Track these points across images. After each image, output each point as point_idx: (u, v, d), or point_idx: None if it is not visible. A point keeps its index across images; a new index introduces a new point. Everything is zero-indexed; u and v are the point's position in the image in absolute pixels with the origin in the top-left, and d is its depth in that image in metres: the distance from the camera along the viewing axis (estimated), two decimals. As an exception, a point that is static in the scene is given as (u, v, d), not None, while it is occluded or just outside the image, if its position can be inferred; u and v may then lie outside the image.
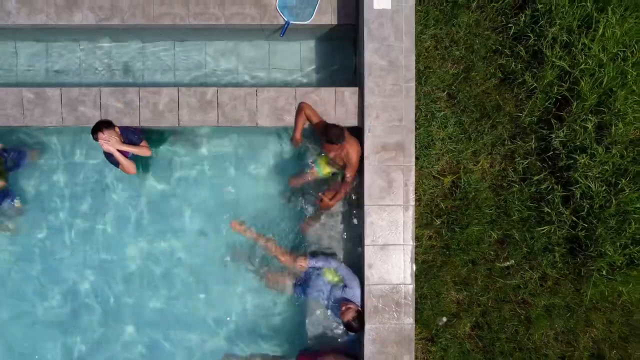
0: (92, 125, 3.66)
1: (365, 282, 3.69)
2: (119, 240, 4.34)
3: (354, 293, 3.74)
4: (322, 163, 4.31)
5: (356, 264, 4.02)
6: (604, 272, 4.63)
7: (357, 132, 3.93)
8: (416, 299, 4.67)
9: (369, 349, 3.65)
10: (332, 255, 4.19)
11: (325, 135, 3.60)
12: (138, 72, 4.47)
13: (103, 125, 3.67)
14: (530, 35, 4.64)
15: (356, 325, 3.62)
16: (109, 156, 3.81)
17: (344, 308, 3.59)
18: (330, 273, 3.92)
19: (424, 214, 4.78)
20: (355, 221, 4.21)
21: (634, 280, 4.62)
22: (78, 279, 4.34)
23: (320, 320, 4.18)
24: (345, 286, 3.78)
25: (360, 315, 3.66)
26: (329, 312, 3.88)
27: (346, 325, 3.64)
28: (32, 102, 3.74)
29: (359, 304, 3.74)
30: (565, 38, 4.55)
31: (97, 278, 4.35)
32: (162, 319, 4.42)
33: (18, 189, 4.24)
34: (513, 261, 4.82)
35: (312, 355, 4.04)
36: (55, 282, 4.37)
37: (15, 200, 4.07)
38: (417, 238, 4.75)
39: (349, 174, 3.84)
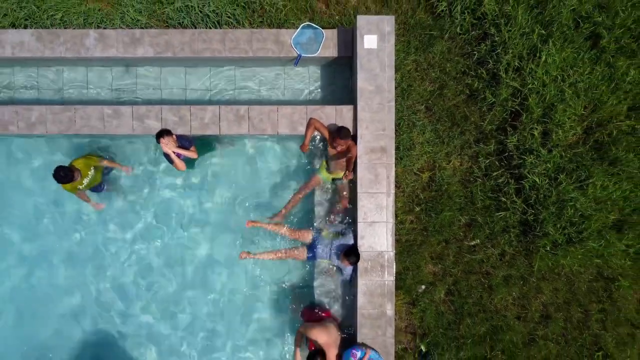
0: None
1: (360, 249, 5.21)
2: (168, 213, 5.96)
3: (347, 240, 5.30)
4: (323, 171, 5.73)
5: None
6: (548, 248, 6.10)
7: (353, 139, 5.44)
8: (400, 270, 6.15)
9: (361, 299, 5.17)
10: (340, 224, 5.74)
11: (338, 132, 5.07)
12: (181, 90, 6.02)
13: (164, 132, 5.16)
14: (490, 60, 6.13)
15: (354, 259, 5.12)
16: (166, 156, 5.30)
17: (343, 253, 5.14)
18: (327, 234, 5.42)
19: (406, 202, 6.27)
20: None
21: (571, 255, 6.07)
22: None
23: (324, 285, 5.71)
24: (342, 234, 5.34)
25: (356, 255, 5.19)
26: (334, 259, 5.35)
27: (348, 260, 5.09)
28: (110, 116, 5.26)
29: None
30: (516, 63, 6.04)
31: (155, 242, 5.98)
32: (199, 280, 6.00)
33: (110, 183, 5.89)
34: (478, 240, 6.28)
35: (312, 310, 5.57)
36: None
37: (105, 189, 5.65)
38: (401, 222, 6.23)
39: (351, 154, 5.26)
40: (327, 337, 4.93)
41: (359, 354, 4.90)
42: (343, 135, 5.06)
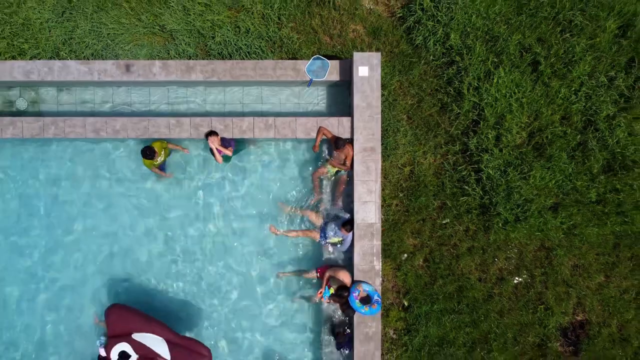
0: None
1: (355, 222, 7.57)
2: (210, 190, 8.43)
3: (347, 216, 7.69)
4: (329, 166, 8.14)
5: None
6: (501, 225, 8.38)
7: (351, 141, 7.81)
8: (387, 242, 8.43)
9: (357, 258, 7.51)
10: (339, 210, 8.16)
11: (335, 143, 7.46)
12: (220, 105, 8.39)
13: (211, 133, 7.51)
14: (456, 81, 8.43)
15: (349, 228, 7.48)
16: (211, 150, 7.65)
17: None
18: (335, 222, 7.82)
19: (392, 190, 8.59)
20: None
21: (519, 230, 8.32)
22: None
23: (332, 254, 8.09)
24: (342, 217, 7.74)
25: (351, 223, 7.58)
26: (339, 233, 7.68)
27: (345, 228, 7.46)
28: (174, 125, 7.62)
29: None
30: (475, 84, 8.36)
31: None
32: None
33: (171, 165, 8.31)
34: (448, 220, 8.55)
35: (325, 267, 7.93)
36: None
37: (167, 171, 8.09)
38: (388, 205, 8.54)
39: (348, 162, 7.70)
40: (349, 278, 7.34)
41: (356, 293, 7.26)
42: (339, 146, 7.50)
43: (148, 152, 7.36)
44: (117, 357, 7.25)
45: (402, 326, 8.54)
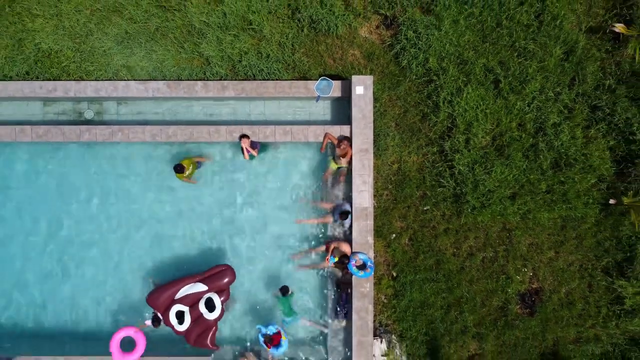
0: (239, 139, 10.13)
1: (354, 206, 10.12)
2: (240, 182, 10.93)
3: (347, 208, 10.22)
4: (332, 163, 10.69)
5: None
6: (470, 210, 10.91)
7: (350, 142, 10.36)
8: (379, 225, 10.93)
9: (354, 234, 10.05)
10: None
11: (341, 140, 9.99)
12: (246, 115, 10.96)
13: (243, 135, 10.04)
14: (434, 95, 10.94)
15: (345, 217, 10.03)
16: (241, 149, 10.21)
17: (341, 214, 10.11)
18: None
19: (383, 183, 11.11)
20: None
21: (484, 214, 10.77)
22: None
23: (337, 230, 10.64)
24: (343, 205, 10.29)
25: (348, 213, 10.13)
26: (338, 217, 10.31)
27: (343, 217, 10.06)
28: (213, 132, 10.16)
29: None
30: (449, 98, 10.86)
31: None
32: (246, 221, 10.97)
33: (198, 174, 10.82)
34: (428, 206, 11.06)
35: (331, 241, 10.48)
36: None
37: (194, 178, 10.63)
38: (380, 195, 11.06)
39: (348, 158, 10.24)
40: (349, 248, 9.89)
41: (353, 261, 9.80)
42: (346, 138, 10.02)
43: (179, 168, 9.90)
44: (175, 319, 9.73)
45: (391, 292, 11.02)
